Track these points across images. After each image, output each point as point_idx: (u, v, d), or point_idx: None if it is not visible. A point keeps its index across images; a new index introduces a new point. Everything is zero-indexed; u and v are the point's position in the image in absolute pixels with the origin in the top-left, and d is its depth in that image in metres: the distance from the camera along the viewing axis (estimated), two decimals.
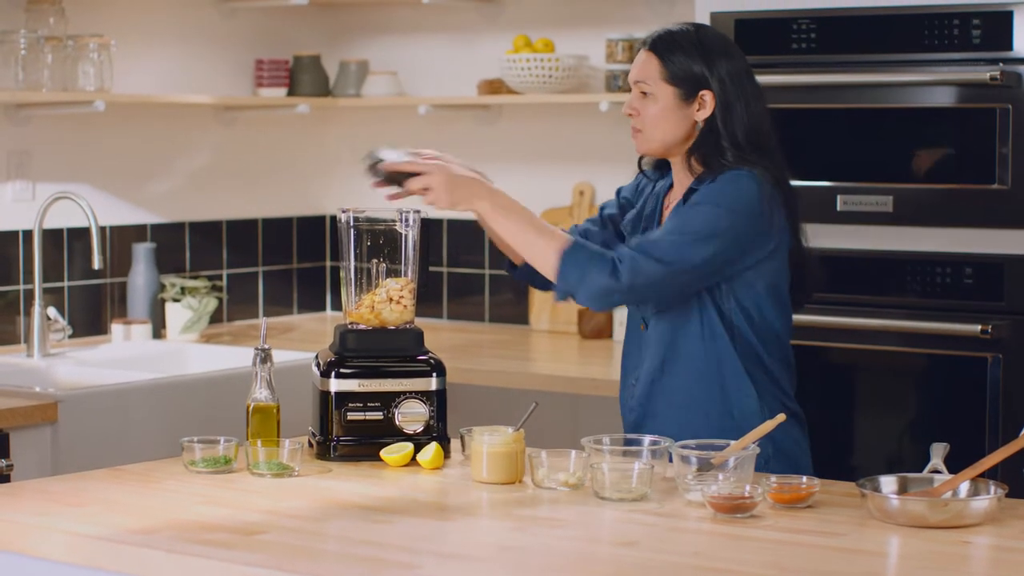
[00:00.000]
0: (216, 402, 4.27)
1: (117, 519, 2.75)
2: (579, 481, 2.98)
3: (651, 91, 3.27)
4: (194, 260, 5.37)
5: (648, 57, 3.29)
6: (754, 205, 3.18)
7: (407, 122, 5.62)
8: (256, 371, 3.25)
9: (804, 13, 4.23)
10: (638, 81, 3.29)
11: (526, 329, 5.39)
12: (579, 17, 5.28)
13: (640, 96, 3.29)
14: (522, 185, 5.37)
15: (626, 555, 2.53)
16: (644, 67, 3.29)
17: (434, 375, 3.25)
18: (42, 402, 3.98)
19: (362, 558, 2.51)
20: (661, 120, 3.27)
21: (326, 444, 3.22)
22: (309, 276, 5.78)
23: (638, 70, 3.30)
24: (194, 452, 3.15)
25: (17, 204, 4.86)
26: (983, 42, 4.01)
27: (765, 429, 2.99)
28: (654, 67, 3.28)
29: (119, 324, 4.94)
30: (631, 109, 3.30)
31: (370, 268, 3.33)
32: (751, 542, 2.60)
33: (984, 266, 4.05)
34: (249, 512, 2.80)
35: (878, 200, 4.16)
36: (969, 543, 2.60)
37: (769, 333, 3.26)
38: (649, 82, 3.28)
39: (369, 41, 5.74)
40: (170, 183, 5.31)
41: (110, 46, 4.83)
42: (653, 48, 3.29)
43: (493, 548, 2.61)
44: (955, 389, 4.10)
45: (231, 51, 5.48)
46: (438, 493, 2.99)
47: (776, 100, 4.27)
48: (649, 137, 3.29)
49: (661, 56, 3.28)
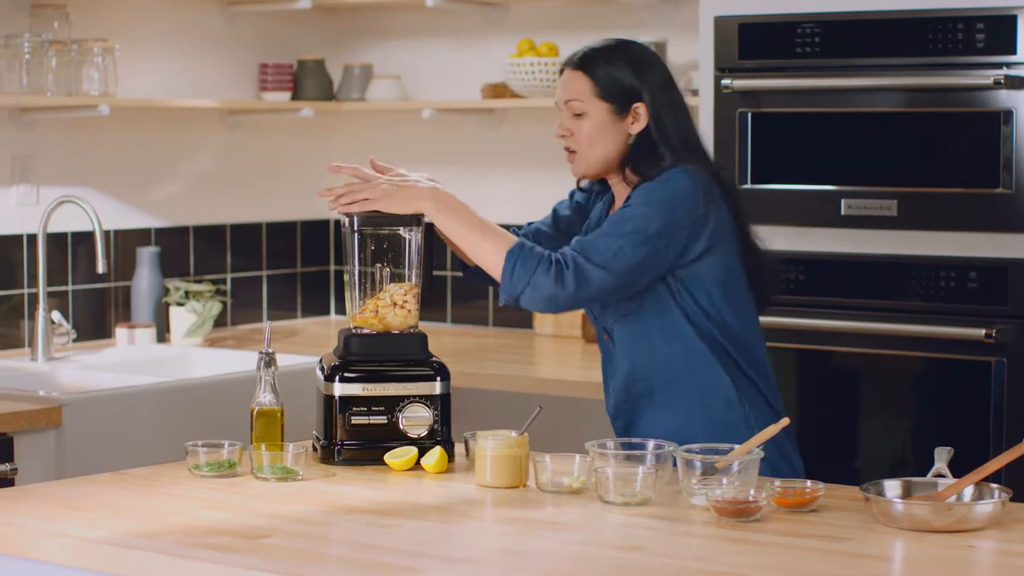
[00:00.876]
0: (220, 406, 4.27)
1: (121, 523, 2.75)
2: (583, 485, 2.98)
3: (584, 109, 3.25)
4: (198, 264, 5.37)
5: (576, 75, 3.26)
6: (689, 197, 3.16)
7: (411, 126, 5.62)
8: (260, 375, 3.25)
9: (808, 17, 4.23)
10: (569, 100, 3.25)
11: (530, 333, 5.40)
12: (583, 21, 5.29)
13: (572, 117, 3.26)
14: (525, 189, 5.38)
15: (630, 559, 2.53)
16: (574, 85, 3.25)
17: (438, 379, 3.25)
18: (46, 406, 3.98)
19: (366, 562, 2.51)
20: (598, 137, 3.25)
21: (330, 448, 3.22)
22: (313, 280, 5.78)
23: (568, 89, 3.26)
24: (198, 456, 3.15)
25: (21, 208, 4.86)
26: (987, 46, 4.01)
27: (769, 433, 2.99)
28: (584, 84, 3.25)
29: (123, 328, 4.94)
30: (564, 130, 3.27)
31: (374, 272, 3.33)
32: (755, 546, 2.60)
33: (988, 270, 4.05)
34: (253, 516, 2.80)
35: (882, 204, 4.16)
36: (973, 547, 2.60)
37: (729, 331, 3.25)
38: (582, 99, 3.25)
39: (373, 45, 5.74)
40: (174, 187, 5.32)
41: (114, 50, 4.84)
42: (581, 66, 3.26)
43: (497, 552, 2.61)
44: (959, 393, 4.10)
45: (235, 55, 5.49)
46: (442, 497, 2.99)
47: (780, 104, 4.28)
48: (586, 157, 3.26)
49: (590, 73, 3.26)
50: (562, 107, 3.29)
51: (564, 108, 3.28)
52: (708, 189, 3.18)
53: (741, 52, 4.32)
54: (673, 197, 3.15)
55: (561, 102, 3.28)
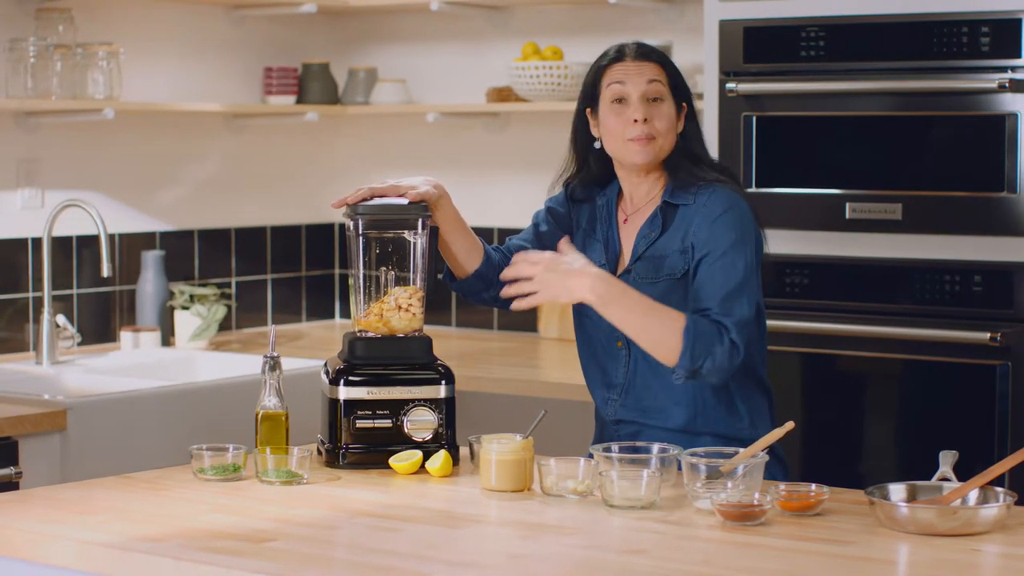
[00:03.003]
0: (225, 410, 4.27)
1: (126, 527, 2.75)
2: (588, 489, 2.98)
3: (663, 95, 3.27)
4: (203, 268, 5.37)
5: (649, 64, 3.28)
6: (751, 215, 3.24)
7: (416, 130, 5.62)
8: (265, 379, 3.25)
9: (813, 21, 4.23)
10: (653, 80, 3.26)
11: (535, 337, 5.39)
12: (588, 25, 5.29)
13: (648, 103, 3.27)
14: (530, 193, 5.38)
15: (635, 563, 2.53)
16: (651, 71, 3.27)
17: (443, 383, 3.25)
18: (51, 410, 3.98)
19: (371, 566, 2.51)
20: (671, 129, 3.29)
21: (335, 452, 3.22)
22: (318, 284, 5.78)
23: (645, 73, 3.27)
24: (203, 460, 3.15)
25: (26, 212, 4.87)
26: (992, 50, 4.01)
27: (773, 437, 2.99)
28: (660, 73, 3.28)
29: (128, 332, 4.94)
30: (646, 113, 3.26)
31: (379, 276, 3.33)
32: (760, 550, 2.60)
33: (993, 274, 4.05)
34: (258, 520, 2.80)
35: (887, 208, 4.16)
36: (978, 551, 2.59)
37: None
38: (663, 90, 3.28)
39: (378, 49, 5.75)
40: (179, 191, 5.32)
41: (119, 54, 4.84)
42: (653, 56, 3.29)
43: (502, 556, 2.61)
44: (964, 397, 4.09)
45: (240, 59, 5.49)
46: (447, 501, 2.99)
47: (785, 108, 4.28)
48: (663, 143, 3.28)
49: (663, 64, 3.30)
50: (631, 95, 3.26)
51: (641, 94, 3.26)
52: (750, 204, 3.27)
53: (746, 56, 4.32)
54: (748, 227, 3.23)
55: (635, 89, 3.26)
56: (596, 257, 3.34)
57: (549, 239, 3.41)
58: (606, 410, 3.36)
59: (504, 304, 3.43)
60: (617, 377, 3.33)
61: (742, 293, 3.16)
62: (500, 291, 3.26)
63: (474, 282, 3.40)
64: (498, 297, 3.42)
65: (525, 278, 3.16)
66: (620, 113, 3.27)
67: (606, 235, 3.36)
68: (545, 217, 3.46)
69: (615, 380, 3.34)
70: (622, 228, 3.36)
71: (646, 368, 3.29)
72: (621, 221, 3.36)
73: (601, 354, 3.36)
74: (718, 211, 3.21)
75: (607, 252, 3.35)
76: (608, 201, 3.39)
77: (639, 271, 3.28)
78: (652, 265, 3.27)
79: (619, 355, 3.33)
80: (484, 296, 3.44)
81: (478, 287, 3.41)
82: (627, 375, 3.31)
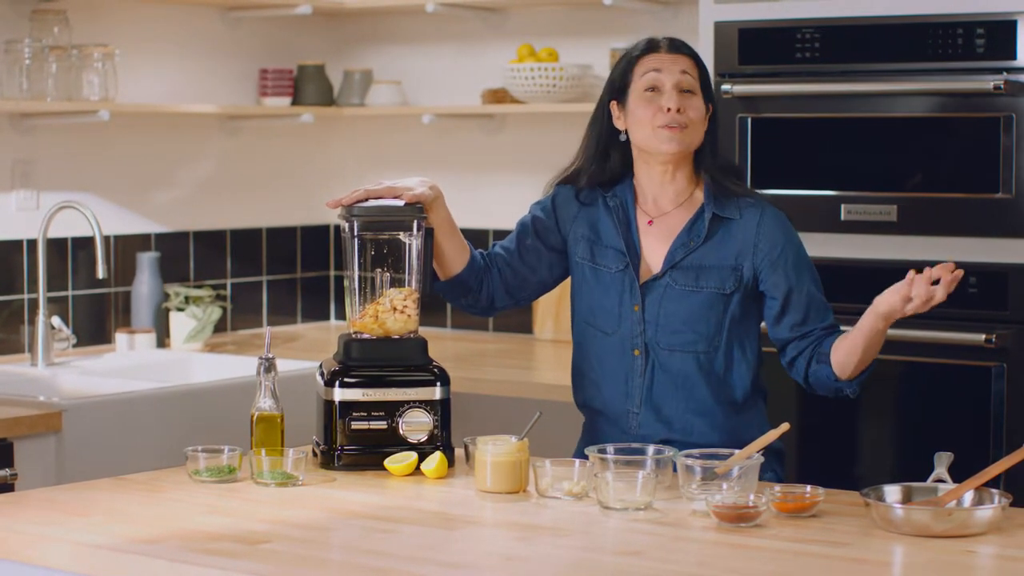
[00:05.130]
0: (220, 411, 4.27)
1: (121, 528, 2.75)
2: (583, 490, 2.98)
3: (695, 88, 3.29)
4: (198, 269, 5.37)
5: (682, 58, 3.30)
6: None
7: (411, 131, 5.62)
8: (260, 380, 3.25)
9: (808, 22, 4.23)
10: (685, 71, 3.28)
11: (530, 338, 5.40)
12: (583, 26, 5.29)
13: (683, 94, 3.27)
14: (525, 195, 5.38)
15: (630, 564, 2.53)
16: (683, 64, 3.29)
17: (438, 384, 3.25)
18: (46, 411, 3.98)
19: (366, 568, 2.51)
20: (702, 122, 3.32)
21: (330, 453, 3.22)
22: (313, 285, 5.78)
23: (679, 64, 3.28)
24: (198, 461, 3.15)
25: (21, 213, 4.86)
26: (987, 51, 4.01)
27: (769, 438, 2.99)
28: (693, 67, 3.31)
29: (123, 333, 4.94)
30: (679, 103, 3.26)
31: (374, 277, 3.33)
32: (755, 551, 2.60)
33: (988, 275, 4.05)
34: (253, 521, 2.80)
35: (882, 209, 4.16)
36: (973, 552, 2.60)
37: None
38: (694, 83, 3.29)
39: (373, 50, 5.75)
40: (174, 192, 5.32)
41: (114, 55, 4.84)
42: (686, 50, 3.32)
43: (497, 558, 2.61)
44: (959, 398, 4.09)
45: (235, 60, 5.49)
46: (442, 503, 2.99)
47: (780, 109, 4.28)
48: (692, 135, 3.28)
49: (698, 62, 3.33)
50: (665, 85, 3.27)
51: (675, 84, 3.27)
52: None
53: (741, 57, 4.32)
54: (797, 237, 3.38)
55: (669, 79, 3.27)
56: (613, 263, 3.33)
57: (533, 255, 3.42)
58: (628, 424, 3.34)
59: (481, 311, 3.44)
60: (634, 387, 3.33)
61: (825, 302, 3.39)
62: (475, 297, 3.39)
63: (453, 287, 3.39)
64: (473, 305, 3.43)
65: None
66: (652, 101, 3.27)
67: (626, 238, 3.34)
68: (531, 229, 3.44)
69: (632, 391, 3.33)
70: (644, 231, 3.34)
71: (663, 377, 3.28)
72: (645, 223, 3.35)
73: (618, 366, 3.34)
74: (783, 235, 3.32)
75: (629, 254, 3.32)
76: (623, 203, 3.37)
77: (675, 278, 3.27)
78: (692, 275, 3.27)
79: (636, 365, 3.31)
80: (460, 302, 3.44)
81: (456, 292, 3.41)
82: (643, 384, 3.30)
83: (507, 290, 3.43)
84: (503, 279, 3.42)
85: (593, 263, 3.34)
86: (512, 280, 3.42)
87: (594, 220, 3.38)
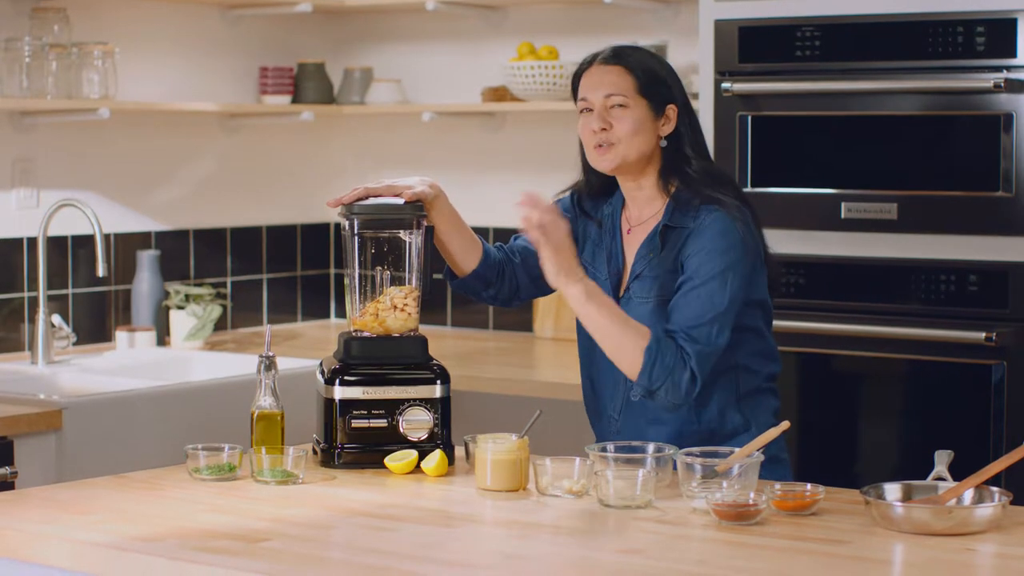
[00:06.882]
0: (220, 410, 4.27)
1: (122, 527, 2.75)
2: (583, 489, 2.98)
3: (627, 103, 3.24)
4: (198, 267, 5.37)
5: (614, 69, 3.25)
6: (743, 247, 3.18)
7: (411, 129, 5.62)
8: (260, 378, 3.25)
9: (808, 21, 4.23)
10: (610, 95, 3.24)
11: (530, 336, 5.40)
12: (583, 24, 5.29)
13: (608, 111, 3.24)
14: None
15: (630, 563, 2.53)
16: (611, 79, 3.24)
17: (438, 382, 3.25)
18: (46, 410, 3.98)
19: (366, 566, 2.51)
20: (637, 133, 3.24)
21: (330, 451, 3.22)
22: (313, 283, 5.78)
23: (606, 84, 3.24)
24: (198, 460, 3.15)
25: (21, 211, 4.86)
26: (987, 49, 4.01)
27: (769, 436, 2.99)
28: (624, 79, 3.24)
29: (123, 331, 4.94)
30: (604, 123, 3.24)
31: (374, 275, 3.33)
32: (755, 550, 2.60)
33: (988, 273, 4.05)
34: (253, 520, 2.80)
35: (882, 207, 4.16)
36: (974, 551, 2.60)
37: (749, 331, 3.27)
38: (626, 94, 3.24)
39: (373, 48, 5.74)
40: (174, 191, 5.32)
41: (114, 53, 4.84)
42: (619, 60, 3.26)
43: (497, 556, 2.61)
44: (959, 396, 4.09)
45: (235, 59, 5.49)
46: (442, 501, 2.99)
47: (780, 108, 4.28)
48: (624, 149, 3.23)
49: (630, 67, 3.26)
50: (594, 103, 3.25)
51: (602, 101, 3.25)
52: (746, 226, 3.20)
53: (741, 55, 4.32)
54: (734, 253, 3.16)
55: (596, 97, 3.25)
56: (603, 271, 3.33)
57: (522, 253, 3.43)
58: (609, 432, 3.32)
59: (503, 303, 3.44)
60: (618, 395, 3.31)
61: (715, 323, 3.13)
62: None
63: (472, 282, 3.40)
64: (497, 296, 3.43)
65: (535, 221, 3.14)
66: (586, 123, 3.28)
67: (610, 247, 3.34)
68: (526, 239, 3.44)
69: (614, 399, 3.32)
70: (626, 239, 3.34)
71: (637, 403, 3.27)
72: (625, 231, 3.35)
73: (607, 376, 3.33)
74: (710, 237, 3.17)
75: (609, 265, 3.32)
76: (614, 211, 3.37)
77: (634, 290, 3.27)
78: (646, 285, 3.25)
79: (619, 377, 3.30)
80: (483, 295, 3.44)
81: (477, 286, 3.41)
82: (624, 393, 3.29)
83: (531, 279, 3.43)
84: (527, 268, 3.42)
85: (593, 266, 3.34)
86: (536, 269, 3.38)
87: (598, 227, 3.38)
